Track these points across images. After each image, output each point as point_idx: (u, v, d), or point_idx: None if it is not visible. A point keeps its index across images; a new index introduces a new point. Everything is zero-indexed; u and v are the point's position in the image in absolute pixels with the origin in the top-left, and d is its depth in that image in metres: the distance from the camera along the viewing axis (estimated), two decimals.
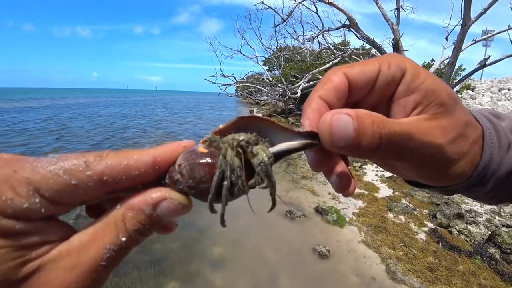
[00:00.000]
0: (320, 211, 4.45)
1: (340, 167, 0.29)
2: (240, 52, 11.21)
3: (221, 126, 0.26)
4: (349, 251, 3.54)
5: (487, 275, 3.14)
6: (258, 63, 12.52)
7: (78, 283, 0.21)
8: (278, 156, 0.25)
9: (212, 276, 3.07)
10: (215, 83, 11.96)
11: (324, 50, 10.46)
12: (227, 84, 11.85)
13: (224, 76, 11.94)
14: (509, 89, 14.11)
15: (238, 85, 12.71)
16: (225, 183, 0.23)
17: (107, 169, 0.22)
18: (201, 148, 0.24)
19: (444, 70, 9.04)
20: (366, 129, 0.23)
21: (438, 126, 0.25)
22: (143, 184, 0.24)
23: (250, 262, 3.30)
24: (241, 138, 0.24)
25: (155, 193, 0.24)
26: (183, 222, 4.04)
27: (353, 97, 0.28)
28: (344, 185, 0.29)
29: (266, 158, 0.24)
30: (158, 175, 0.24)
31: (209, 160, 0.24)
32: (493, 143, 0.29)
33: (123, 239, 0.23)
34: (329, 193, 5.31)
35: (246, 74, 13.42)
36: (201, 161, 0.23)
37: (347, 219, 4.29)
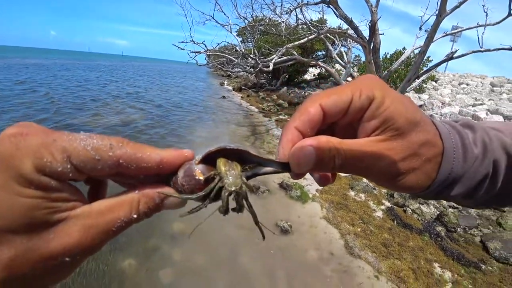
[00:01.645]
0: (285, 186, 4.44)
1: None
2: (213, 18, 10.52)
3: (213, 149, 0.31)
4: (310, 226, 3.57)
5: (433, 250, 3.36)
6: (231, 32, 11.88)
7: (91, 239, 0.26)
8: (255, 176, 0.34)
9: (170, 251, 2.94)
10: (183, 49, 11.19)
11: (300, 25, 10.16)
12: (196, 52, 11.15)
13: (194, 43, 11.21)
14: (467, 84, 15.12)
15: (208, 53, 12.03)
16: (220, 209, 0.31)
17: (125, 155, 0.27)
18: (199, 173, 0.30)
19: (414, 58, 9.31)
20: (324, 156, 0.29)
21: (389, 148, 0.29)
22: (145, 176, 0.30)
23: (211, 238, 3.19)
24: (232, 187, 0.30)
25: (166, 189, 0.30)
26: None
27: (327, 122, 0.31)
28: (323, 181, 0.35)
29: (244, 203, 0.32)
30: (159, 172, 0.30)
31: (204, 187, 0.30)
32: (455, 158, 0.32)
33: (134, 216, 0.28)
34: None
35: (218, 44, 12.75)
36: (199, 187, 0.30)
37: (310, 196, 4.33)
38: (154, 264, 2.76)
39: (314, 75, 20.02)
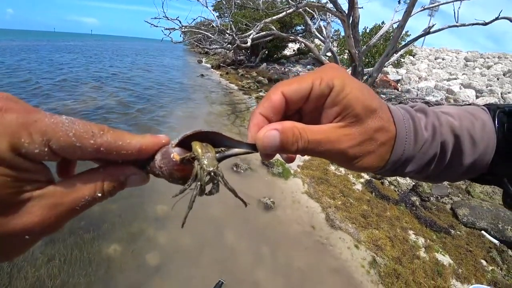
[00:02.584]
0: (266, 164, 4.45)
1: None
2: None
3: (189, 132, 0.33)
4: (293, 202, 3.63)
5: (408, 219, 3.54)
6: (207, 7, 11.32)
7: (55, 218, 0.26)
8: (227, 157, 0.36)
9: (155, 235, 2.90)
10: (157, 26, 10.60)
11: None
12: (171, 29, 10.59)
13: (168, 19, 10.61)
14: (443, 59, 15.50)
15: (184, 30, 11.45)
16: (194, 193, 0.32)
17: (105, 143, 0.27)
18: (176, 156, 0.32)
19: (392, 33, 9.34)
20: (288, 139, 0.30)
21: (347, 133, 0.32)
22: (123, 161, 0.30)
23: (195, 218, 3.16)
24: (209, 168, 0.32)
25: (132, 169, 0.31)
26: None
27: (291, 108, 0.33)
28: (289, 160, 0.38)
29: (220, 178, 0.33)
30: (137, 159, 0.31)
31: (183, 168, 0.32)
32: (407, 142, 0.35)
33: (99, 194, 0.29)
34: None
35: (194, 20, 12.15)
36: (176, 168, 0.32)
37: (292, 172, 4.37)
38: (140, 248, 2.72)
39: (293, 50, 19.76)
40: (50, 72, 11.72)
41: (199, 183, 0.32)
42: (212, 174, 0.32)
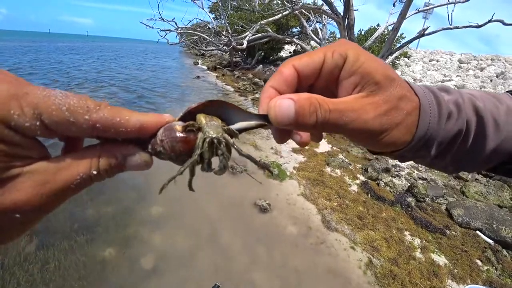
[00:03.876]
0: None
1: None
2: None
3: (193, 105, 0.31)
4: (288, 204, 3.62)
5: (404, 220, 3.55)
6: (202, 8, 11.33)
7: (46, 195, 0.25)
8: (239, 131, 0.32)
9: (151, 236, 2.87)
10: (152, 27, 10.58)
11: (275, 0, 9.86)
12: (167, 30, 10.58)
13: (164, 21, 10.59)
14: (437, 61, 15.66)
15: (180, 31, 11.44)
16: (196, 158, 0.29)
17: (101, 119, 0.25)
18: (179, 127, 0.30)
19: (387, 35, 9.41)
20: (304, 109, 0.28)
21: (371, 102, 0.29)
22: (123, 140, 0.29)
23: (191, 220, 3.15)
24: (212, 133, 0.29)
25: (131, 148, 0.29)
26: (118, 183, 3.62)
27: (304, 83, 0.32)
28: (303, 142, 0.35)
29: (225, 151, 0.30)
30: (137, 137, 0.28)
31: (186, 139, 0.29)
32: (432, 113, 0.32)
33: (94, 172, 0.27)
34: (272, 148, 5.32)
35: (190, 21, 12.16)
36: (180, 140, 0.29)
37: (288, 173, 4.37)
38: (135, 251, 2.69)
39: (290, 52, 19.81)
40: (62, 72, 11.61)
41: (199, 151, 0.29)
42: (216, 141, 0.29)
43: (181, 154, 0.30)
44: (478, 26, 7.15)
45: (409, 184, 4.35)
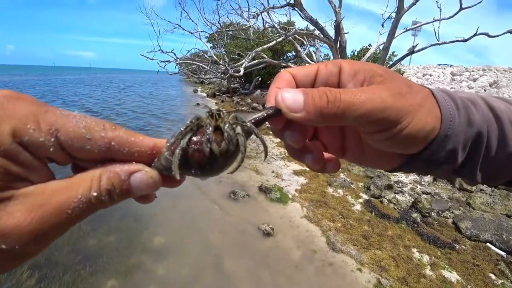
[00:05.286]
0: (264, 189, 4.44)
1: (313, 145, 0.35)
2: (180, 26, 10.40)
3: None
4: (292, 227, 3.59)
5: (411, 237, 3.49)
6: (200, 39, 11.82)
7: (39, 222, 0.22)
8: (255, 124, 0.30)
9: (153, 267, 2.83)
10: (152, 59, 11.00)
11: (269, 28, 10.30)
12: (166, 61, 11.00)
13: (163, 52, 11.03)
14: (430, 75, 15.98)
15: (179, 62, 11.88)
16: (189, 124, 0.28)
17: (117, 138, 0.25)
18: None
19: (379, 54, 9.71)
20: (313, 95, 0.27)
21: (383, 88, 0.28)
22: (136, 162, 0.27)
23: (194, 248, 3.13)
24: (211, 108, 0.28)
25: (134, 165, 0.27)
26: (120, 213, 3.64)
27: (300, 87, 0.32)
28: (316, 159, 0.34)
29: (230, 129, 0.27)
30: (151, 158, 0.28)
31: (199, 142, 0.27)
32: (447, 102, 0.30)
33: (94, 194, 0.24)
34: (273, 172, 5.34)
35: (189, 51, 12.65)
36: (194, 142, 0.27)
37: (290, 196, 4.36)
38: (138, 282, 2.66)
39: None
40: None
41: (195, 121, 0.28)
42: (216, 112, 0.28)
43: (189, 159, 0.27)
44: (465, 40, 7.38)
45: (413, 200, 4.31)
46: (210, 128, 0.27)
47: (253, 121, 0.30)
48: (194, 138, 0.27)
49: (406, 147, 0.31)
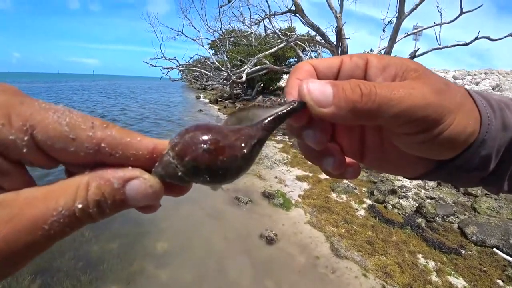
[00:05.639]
0: (267, 195, 4.43)
1: (333, 147, 0.32)
2: (182, 33, 10.52)
3: (227, 119, 0.28)
4: (295, 233, 3.57)
5: (415, 242, 3.45)
6: (202, 46, 11.94)
7: (7, 241, 0.17)
8: (273, 123, 0.25)
9: (156, 273, 2.82)
10: (155, 66, 11.12)
11: (270, 34, 10.38)
12: (169, 68, 11.11)
13: (166, 59, 11.15)
14: None
15: (182, 68, 11.99)
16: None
17: (109, 138, 0.21)
18: None
19: None
20: (344, 85, 0.24)
21: (422, 83, 0.25)
22: (133, 167, 0.22)
23: (197, 254, 3.12)
24: None
25: (130, 171, 0.21)
26: (121, 219, 3.65)
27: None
28: (338, 163, 0.31)
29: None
30: (150, 164, 0.22)
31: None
32: (482, 101, 0.28)
33: (79, 206, 0.19)
34: (276, 177, 5.33)
35: (191, 58, 12.78)
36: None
37: (293, 202, 4.34)
38: None
39: None
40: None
41: None
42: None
43: (199, 163, 0.22)
44: (466, 44, 7.39)
45: (417, 205, 4.28)
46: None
47: (274, 116, 0.25)
48: (205, 137, 0.22)
49: (441, 152, 0.28)
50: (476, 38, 7.23)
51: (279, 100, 0.26)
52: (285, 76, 19.94)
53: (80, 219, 0.20)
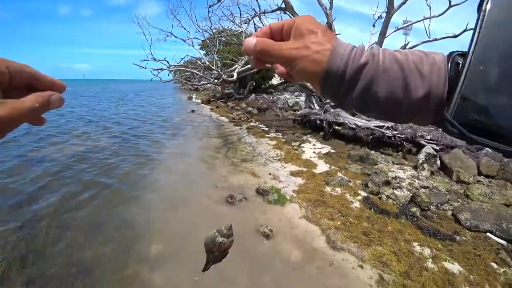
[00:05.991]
0: (261, 192, 4.41)
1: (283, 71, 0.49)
2: (172, 34, 10.42)
3: None
4: (291, 227, 3.56)
5: (411, 231, 3.47)
6: (193, 46, 11.84)
7: (7, 114, 0.31)
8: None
9: (151, 276, 2.77)
10: (145, 67, 11.00)
11: None
12: (159, 69, 10.99)
13: (156, 60, 11.04)
14: None
15: (172, 69, 11.88)
16: None
17: (37, 72, 0.40)
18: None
19: None
20: (257, 43, 0.43)
21: (290, 42, 0.42)
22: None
23: (192, 255, 3.07)
24: None
25: (51, 92, 0.38)
26: (115, 223, 3.59)
27: (276, 38, 0.45)
28: (280, 71, 0.49)
29: None
30: (52, 89, 0.40)
31: None
32: (343, 56, 0.39)
33: (37, 104, 0.35)
34: (269, 174, 5.32)
35: (182, 59, 12.67)
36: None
37: (288, 197, 4.33)
38: None
39: (280, 79, 20.38)
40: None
41: None
42: None
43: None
44: (455, 36, 7.47)
45: (411, 194, 4.30)
46: None
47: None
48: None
49: (304, 78, 0.43)
50: (465, 30, 7.30)
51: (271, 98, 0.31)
52: (277, 75, 19.97)
53: (29, 112, 0.34)
